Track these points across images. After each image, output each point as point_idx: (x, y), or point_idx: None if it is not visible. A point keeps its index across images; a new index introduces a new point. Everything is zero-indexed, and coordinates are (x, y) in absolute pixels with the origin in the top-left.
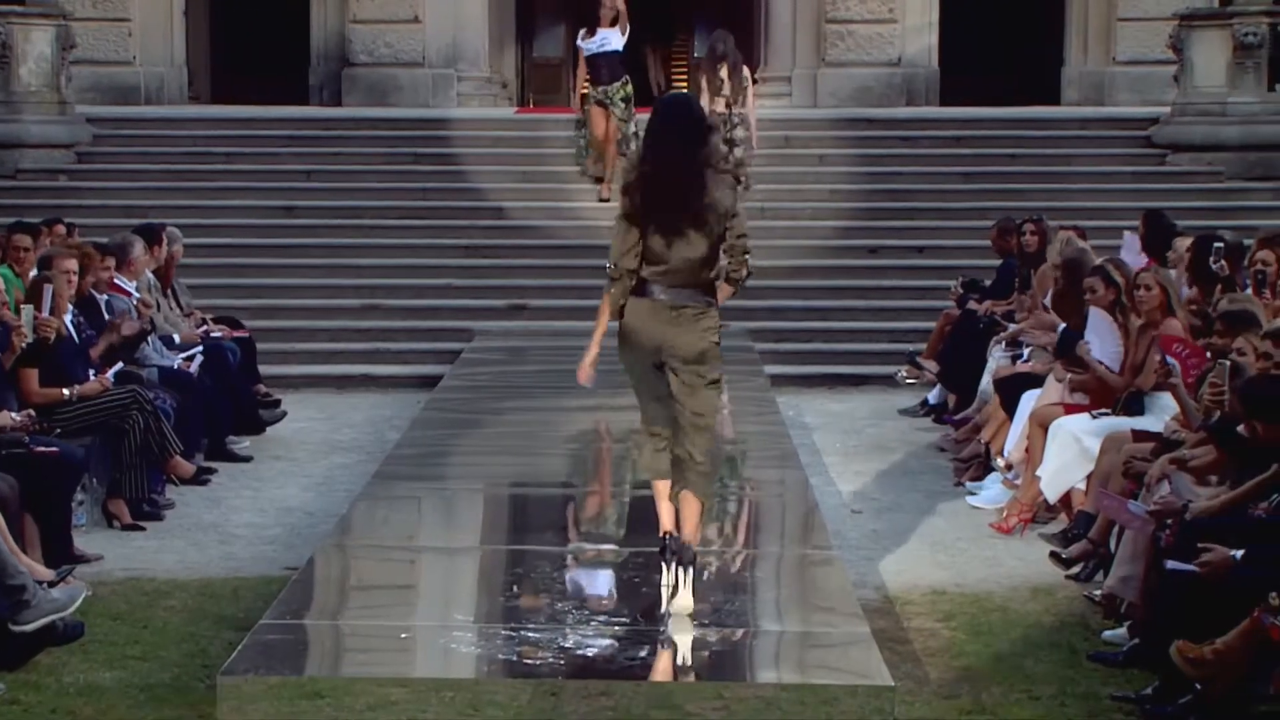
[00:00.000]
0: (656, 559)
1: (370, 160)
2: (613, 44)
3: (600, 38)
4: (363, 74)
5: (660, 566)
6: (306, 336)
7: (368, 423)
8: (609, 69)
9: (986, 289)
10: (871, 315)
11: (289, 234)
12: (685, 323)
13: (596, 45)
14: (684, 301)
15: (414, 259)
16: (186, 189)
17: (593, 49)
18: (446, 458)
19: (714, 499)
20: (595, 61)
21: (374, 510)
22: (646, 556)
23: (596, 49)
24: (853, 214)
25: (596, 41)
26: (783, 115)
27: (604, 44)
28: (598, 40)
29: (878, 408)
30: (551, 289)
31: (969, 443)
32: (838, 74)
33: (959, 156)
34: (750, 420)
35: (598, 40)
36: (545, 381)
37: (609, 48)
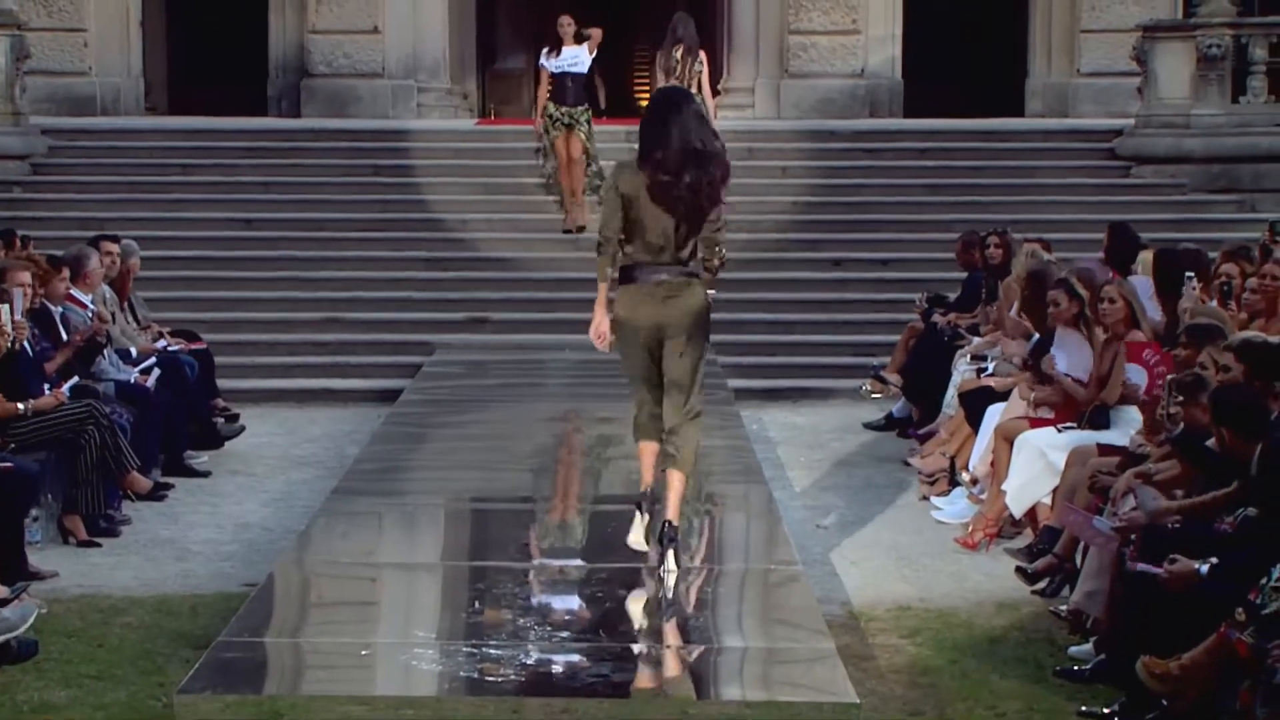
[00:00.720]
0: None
1: (329, 172)
2: (582, 63)
3: (569, 56)
4: (322, 85)
5: (634, 514)
6: (265, 350)
7: (327, 437)
8: (575, 90)
9: (951, 302)
10: (835, 328)
11: (247, 246)
12: (674, 298)
13: (566, 63)
14: (672, 279)
15: (374, 271)
16: (143, 201)
17: (561, 67)
18: (407, 472)
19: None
20: (561, 81)
21: (333, 526)
22: (610, 572)
23: (567, 67)
24: (816, 226)
25: (565, 60)
26: (745, 126)
27: (574, 63)
28: (566, 59)
29: (842, 421)
30: (513, 302)
31: (934, 457)
32: (800, 85)
33: (923, 169)
34: (713, 434)
35: (566, 59)
36: (507, 395)
37: (578, 68)
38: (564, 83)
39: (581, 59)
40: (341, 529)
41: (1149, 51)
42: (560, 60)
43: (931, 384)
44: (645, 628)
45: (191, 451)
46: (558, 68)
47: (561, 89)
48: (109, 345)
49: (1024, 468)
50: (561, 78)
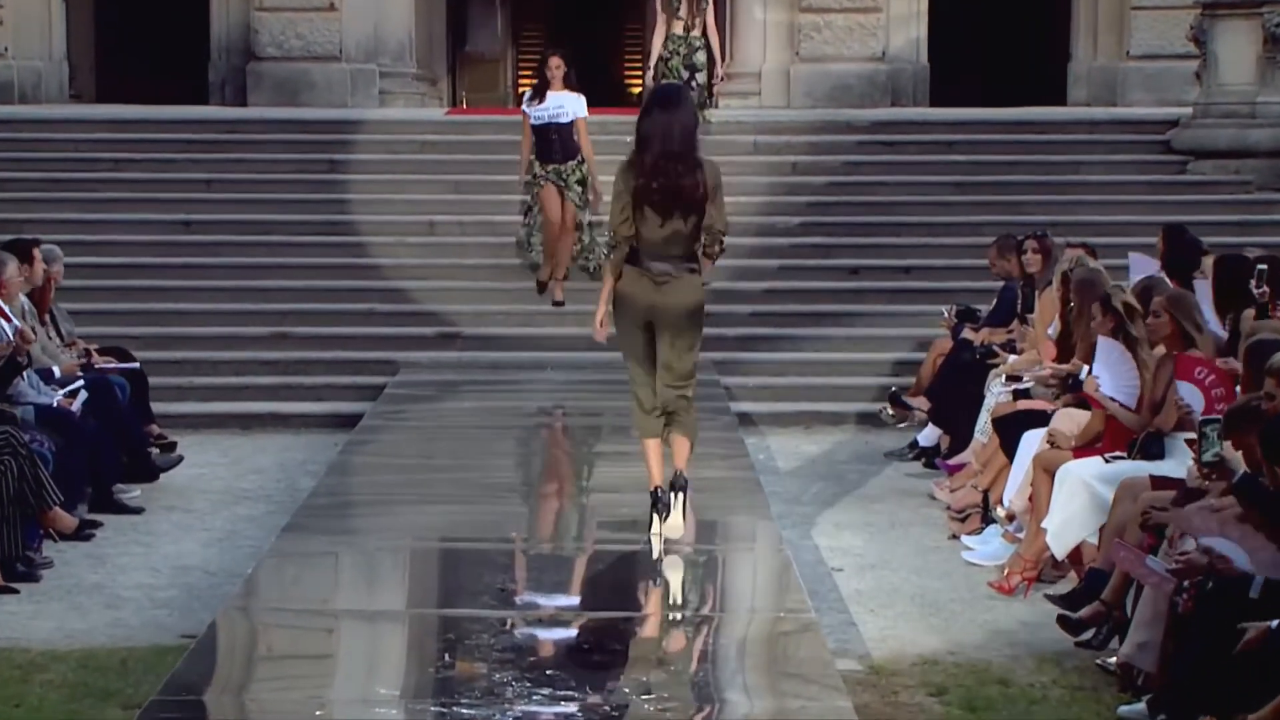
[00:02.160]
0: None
1: (279, 168)
2: (569, 112)
3: (553, 104)
4: (270, 69)
5: (650, 518)
6: (206, 369)
7: (277, 468)
8: (563, 143)
9: (984, 316)
10: (852, 345)
11: (186, 251)
12: (672, 286)
13: (548, 113)
14: (670, 269)
15: (330, 280)
16: (68, 200)
17: (543, 117)
18: (368, 508)
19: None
20: (545, 134)
21: (284, 569)
22: (599, 621)
23: (549, 117)
24: (830, 229)
25: (548, 108)
26: (751, 117)
27: (559, 112)
28: (550, 107)
29: (860, 450)
30: (487, 315)
31: (964, 490)
32: (813, 70)
33: (951, 164)
34: (715, 464)
35: (550, 107)
36: (481, 420)
37: (564, 118)
38: (547, 135)
39: (568, 108)
40: (293, 572)
41: (1209, 31)
42: (543, 108)
43: (961, 408)
44: (638, 684)
45: (122, 485)
46: (539, 118)
47: (545, 143)
48: (29, 365)
49: (1067, 502)
50: (544, 130)
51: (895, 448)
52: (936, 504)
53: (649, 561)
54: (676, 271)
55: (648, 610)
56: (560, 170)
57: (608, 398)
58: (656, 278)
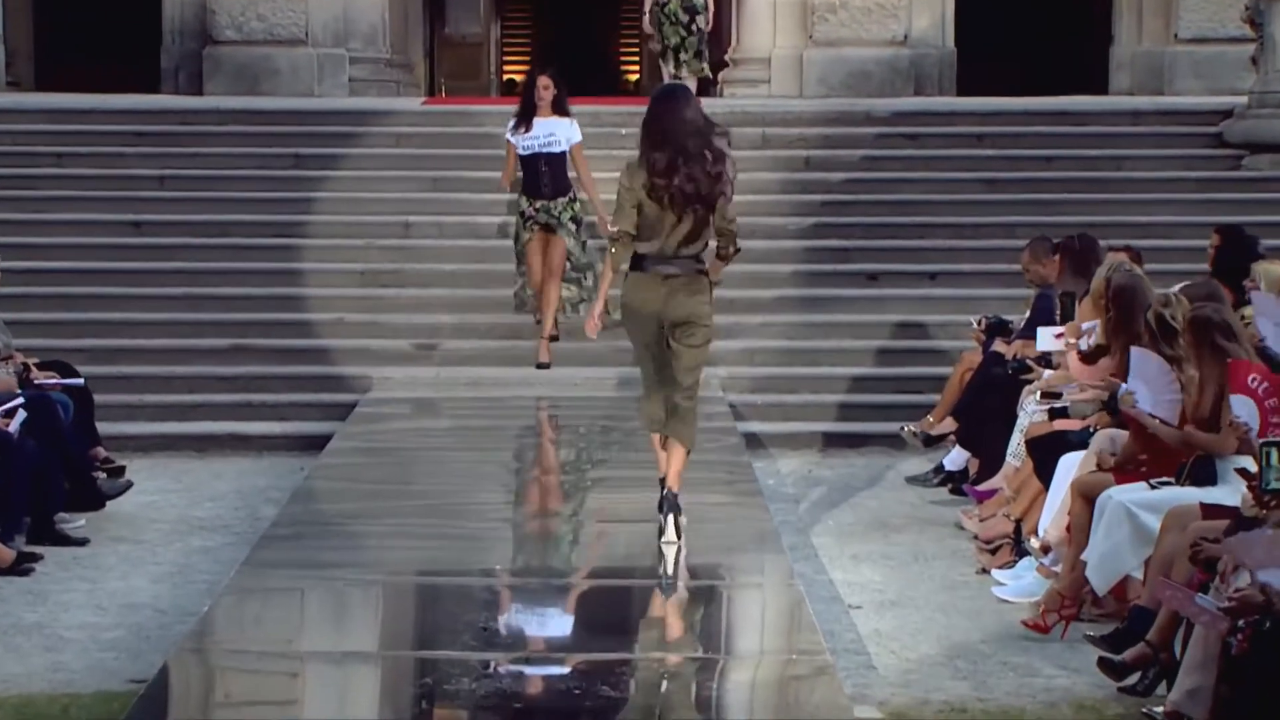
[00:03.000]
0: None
1: (239, 163)
2: (561, 140)
3: (543, 131)
4: (229, 54)
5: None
6: (158, 386)
7: (236, 495)
8: (553, 177)
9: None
10: (871, 359)
11: (135, 255)
12: (679, 291)
13: (538, 142)
14: (678, 272)
15: (295, 287)
16: (3, 199)
17: (531, 147)
18: (336, 539)
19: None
20: (534, 165)
21: (243, 606)
22: (590, 664)
23: (539, 146)
24: (847, 232)
25: (537, 137)
26: (759, 108)
27: (550, 141)
28: (539, 134)
29: (879, 474)
30: (468, 327)
31: (995, 519)
32: (828, 56)
33: (981, 159)
34: (720, 490)
35: (539, 134)
36: (462, 442)
37: (555, 147)
38: (536, 167)
39: (560, 135)
40: (254, 610)
41: (1266, 12)
42: (531, 137)
43: (992, 429)
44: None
45: (65, 514)
46: (527, 147)
47: (534, 176)
48: None
49: (1108, 533)
50: (533, 161)
51: (918, 472)
52: (964, 534)
53: (646, 597)
54: (684, 273)
55: (645, 652)
56: (550, 207)
57: (598, 418)
58: (664, 281)
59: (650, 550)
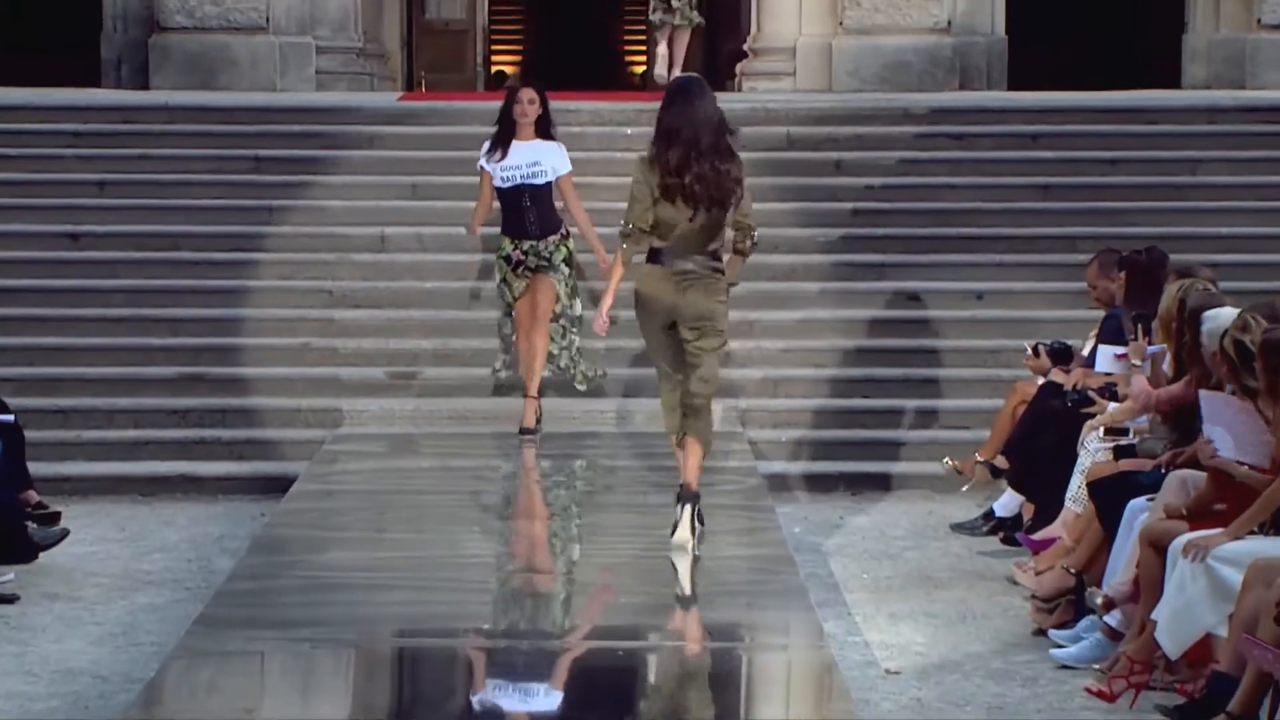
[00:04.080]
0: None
1: (191, 166)
2: (546, 169)
3: (524, 158)
4: (179, 43)
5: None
6: (99, 420)
7: (188, 545)
8: (540, 212)
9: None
10: (910, 389)
11: (73, 272)
12: (694, 288)
13: (519, 173)
14: (693, 268)
15: (254, 308)
16: None
17: (512, 178)
18: (301, 595)
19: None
20: (515, 200)
21: (196, 672)
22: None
23: (520, 179)
24: (884, 244)
25: (519, 166)
26: (782, 104)
27: (534, 171)
28: (520, 163)
29: (921, 521)
30: (451, 353)
31: (1053, 572)
32: (861, 45)
33: (1036, 162)
34: (739, 540)
35: (520, 163)
36: (443, 485)
37: (540, 178)
38: (518, 202)
39: (545, 163)
40: (207, 676)
41: None
42: (511, 166)
43: (1049, 469)
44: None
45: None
46: (507, 178)
47: (517, 213)
48: None
49: (1182, 588)
50: (514, 195)
51: (965, 519)
52: (1018, 590)
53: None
54: (700, 270)
55: None
56: (539, 249)
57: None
58: (679, 277)
59: (659, 608)
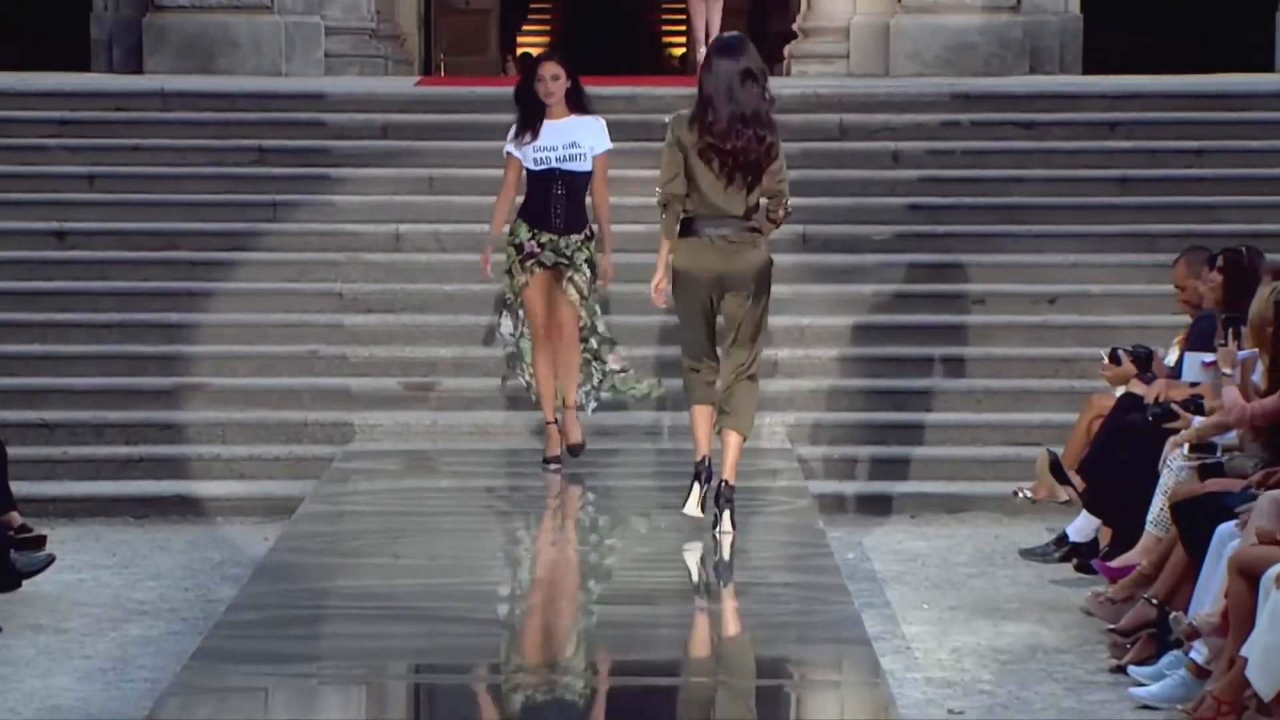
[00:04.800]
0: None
1: (188, 159)
2: (585, 149)
3: (559, 138)
4: (176, 23)
5: (691, 486)
6: (87, 435)
7: (184, 571)
8: (570, 201)
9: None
10: (975, 401)
11: (60, 273)
12: (738, 251)
13: (555, 154)
14: (733, 235)
15: (258, 313)
16: None
17: (546, 160)
18: (308, 626)
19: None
20: (545, 186)
21: (193, 710)
22: None
23: (556, 160)
24: (945, 243)
25: (554, 146)
26: (834, 90)
27: (572, 152)
28: (556, 144)
29: (987, 546)
30: (472, 362)
31: (1133, 602)
32: (922, 25)
33: (1114, 153)
34: (788, 566)
35: (556, 144)
36: (463, 506)
37: (579, 162)
38: (547, 188)
39: (583, 142)
40: (205, 715)
41: None
42: (544, 146)
43: (1127, 489)
44: None
45: None
46: (540, 159)
47: (543, 200)
48: None
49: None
50: (545, 180)
51: (1035, 544)
52: (1093, 622)
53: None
54: (738, 235)
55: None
56: (560, 245)
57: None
58: (720, 243)
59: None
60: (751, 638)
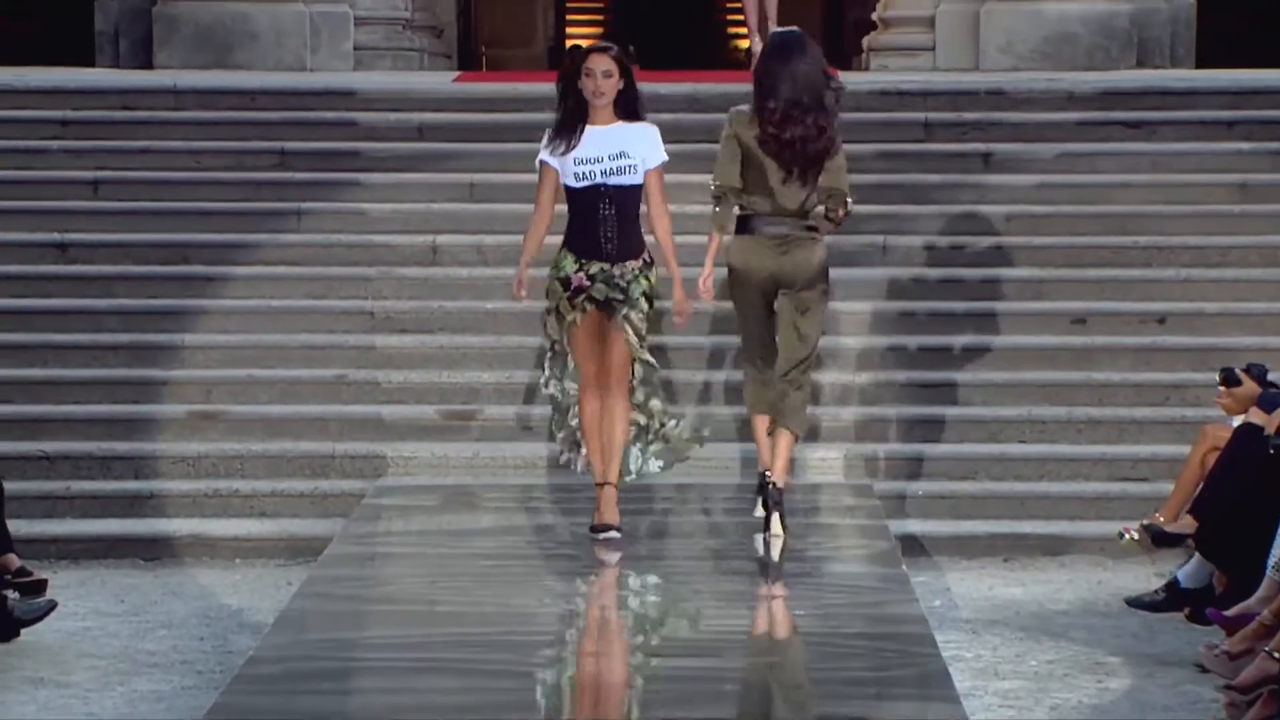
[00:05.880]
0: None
1: (203, 162)
2: (636, 160)
3: (605, 147)
4: (189, 12)
5: (756, 502)
6: (92, 469)
7: (199, 619)
8: (621, 222)
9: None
10: (1077, 432)
11: (61, 289)
12: (793, 250)
13: (599, 167)
14: (788, 232)
15: (279, 333)
16: None
17: (590, 174)
18: (335, 680)
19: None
20: (591, 205)
21: None
22: None
23: (601, 174)
24: (1042, 256)
25: (597, 157)
26: (919, 85)
27: (620, 164)
28: (600, 154)
29: (1089, 593)
30: (515, 388)
31: (1252, 656)
32: (1016, 13)
33: (1230, 156)
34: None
35: (600, 154)
36: (506, 549)
37: (628, 175)
38: (593, 207)
39: (634, 153)
40: None
41: None
42: (586, 158)
43: (1245, 530)
44: None
45: None
46: (583, 174)
47: (589, 222)
48: None
49: None
50: (589, 199)
51: (1143, 590)
52: (1208, 678)
53: None
54: (795, 233)
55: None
56: (613, 275)
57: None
58: (776, 241)
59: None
60: (825, 694)
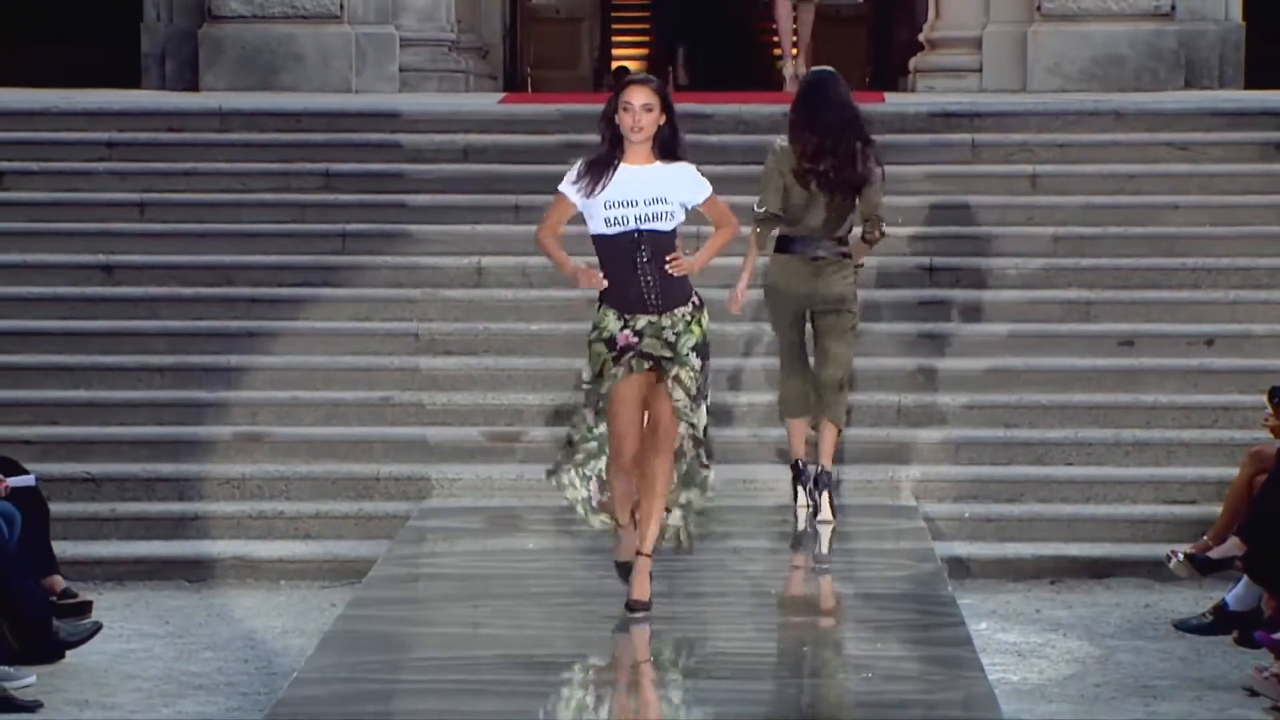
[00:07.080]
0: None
1: (248, 185)
2: (673, 205)
3: (637, 190)
4: (235, 34)
5: (793, 491)
6: (137, 490)
7: (243, 641)
8: (659, 270)
9: None
10: (1124, 455)
11: (107, 311)
12: (825, 273)
13: (634, 213)
14: (824, 255)
15: (324, 355)
16: None
17: (623, 219)
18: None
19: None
20: (625, 253)
21: None
22: None
23: (635, 220)
24: (1090, 277)
25: (631, 201)
26: (966, 106)
27: (655, 210)
28: (635, 197)
29: (1136, 616)
30: (560, 410)
31: None
32: (1064, 35)
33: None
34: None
35: (635, 197)
36: (552, 570)
37: (665, 221)
38: (629, 257)
39: (672, 195)
40: None
41: None
42: (617, 199)
43: None
44: None
45: (7, 668)
46: (614, 219)
47: (624, 270)
48: None
49: None
50: (623, 248)
51: (1191, 614)
52: (1257, 701)
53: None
54: (830, 255)
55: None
56: (662, 328)
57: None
58: (811, 263)
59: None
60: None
